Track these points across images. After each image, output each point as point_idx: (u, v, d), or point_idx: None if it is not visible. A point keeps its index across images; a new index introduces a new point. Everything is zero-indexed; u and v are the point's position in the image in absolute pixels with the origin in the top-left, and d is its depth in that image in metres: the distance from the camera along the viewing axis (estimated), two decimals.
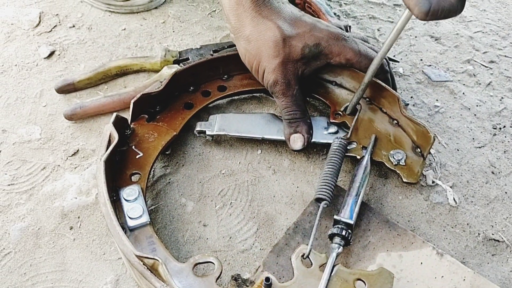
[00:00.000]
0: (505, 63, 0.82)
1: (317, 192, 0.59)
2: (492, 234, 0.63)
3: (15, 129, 0.72)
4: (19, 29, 0.85)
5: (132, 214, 0.58)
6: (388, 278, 0.53)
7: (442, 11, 0.49)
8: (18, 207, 0.65)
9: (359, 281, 0.53)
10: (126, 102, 0.73)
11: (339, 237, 0.56)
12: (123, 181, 0.61)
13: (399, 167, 0.65)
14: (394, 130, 0.68)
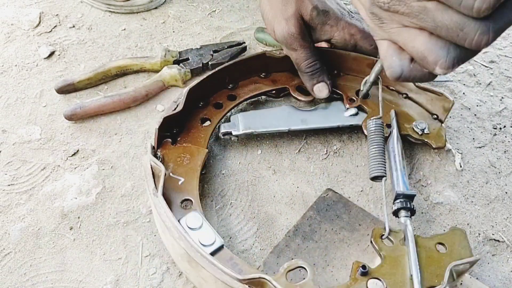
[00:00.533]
0: (505, 63, 0.82)
1: (372, 171, 0.59)
2: (493, 234, 0.63)
3: (15, 129, 0.72)
4: (19, 29, 0.85)
5: (205, 241, 0.55)
6: (462, 235, 0.56)
7: (413, 78, 0.48)
8: (18, 207, 0.65)
9: (439, 245, 0.55)
10: (126, 102, 0.73)
11: (404, 210, 0.57)
12: (177, 211, 0.58)
13: (426, 136, 0.67)
14: (407, 103, 0.70)
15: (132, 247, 0.61)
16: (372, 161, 0.60)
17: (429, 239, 0.56)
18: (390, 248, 0.55)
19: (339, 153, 0.70)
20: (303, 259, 0.56)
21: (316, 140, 0.71)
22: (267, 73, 0.75)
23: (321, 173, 0.68)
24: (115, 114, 0.73)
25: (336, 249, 0.60)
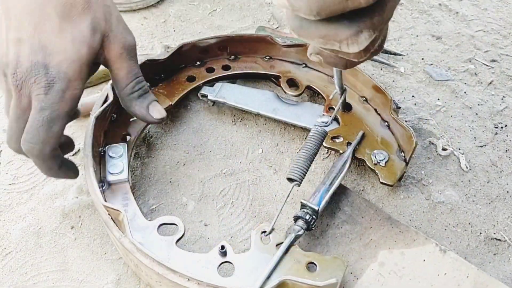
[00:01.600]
0: (506, 62, 0.82)
1: (289, 172, 0.58)
2: (494, 233, 0.63)
3: None
4: None
5: (112, 170, 0.61)
6: (340, 266, 0.54)
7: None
8: (19, 207, 0.65)
9: (312, 264, 0.54)
10: None
11: (302, 221, 0.57)
12: (114, 140, 0.65)
13: (378, 167, 0.64)
14: (383, 132, 0.68)
15: None
16: (293, 163, 0.59)
17: (304, 255, 0.54)
18: (262, 245, 0.56)
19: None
20: None
21: None
22: (270, 58, 0.77)
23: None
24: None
25: (338, 245, 0.59)
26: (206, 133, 0.72)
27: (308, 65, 0.76)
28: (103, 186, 0.60)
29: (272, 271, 0.53)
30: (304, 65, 0.76)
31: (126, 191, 0.60)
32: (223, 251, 0.54)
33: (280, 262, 0.54)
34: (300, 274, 0.53)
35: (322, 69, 0.75)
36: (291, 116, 0.70)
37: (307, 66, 0.76)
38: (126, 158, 0.62)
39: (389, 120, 0.68)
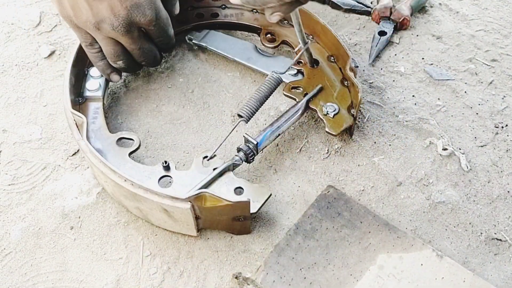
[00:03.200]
0: (507, 61, 0.81)
1: (239, 109, 0.65)
2: (495, 233, 0.63)
3: (16, 129, 0.72)
4: (20, 29, 0.85)
5: (90, 87, 0.69)
6: (265, 194, 0.60)
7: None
8: (18, 207, 0.64)
9: (239, 188, 0.60)
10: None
11: (242, 152, 0.63)
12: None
13: (327, 118, 0.68)
14: (341, 88, 0.72)
15: (133, 247, 0.61)
16: (245, 103, 0.65)
17: (235, 179, 0.60)
18: (201, 167, 0.62)
19: (340, 152, 0.70)
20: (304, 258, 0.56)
21: (317, 139, 0.71)
22: (257, 11, 0.82)
23: (322, 173, 0.68)
24: (116, 113, 0.73)
25: (337, 248, 0.59)
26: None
27: (289, 22, 0.80)
28: (80, 100, 0.69)
29: (202, 187, 0.58)
30: (286, 22, 0.80)
31: (98, 107, 0.68)
32: (166, 165, 0.61)
33: (213, 182, 0.60)
34: (226, 194, 0.58)
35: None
36: (262, 65, 0.76)
37: (289, 22, 0.80)
38: (104, 79, 0.71)
39: (347, 78, 0.71)
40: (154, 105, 0.75)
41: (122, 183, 0.57)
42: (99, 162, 0.58)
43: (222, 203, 0.55)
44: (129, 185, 0.56)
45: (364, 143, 0.71)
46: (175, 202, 0.55)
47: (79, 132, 0.62)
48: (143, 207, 0.58)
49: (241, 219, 0.58)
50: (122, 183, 0.57)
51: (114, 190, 0.60)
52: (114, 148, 0.64)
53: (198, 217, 0.57)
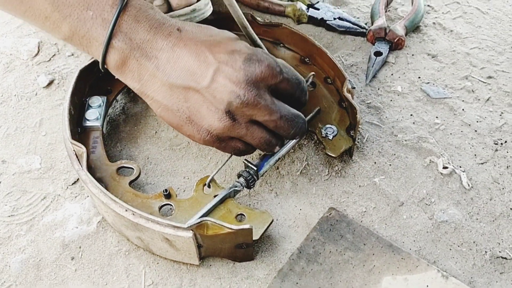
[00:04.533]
0: (503, 78, 0.82)
1: None
2: (499, 251, 0.62)
3: (15, 159, 0.72)
4: (18, 59, 0.85)
5: (89, 117, 0.69)
6: (267, 219, 0.59)
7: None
8: (18, 239, 0.64)
9: (241, 215, 0.59)
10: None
11: (243, 178, 0.62)
12: (97, 93, 0.72)
13: (326, 140, 0.68)
14: (339, 110, 0.72)
15: (134, 276, 0.60)
16: None
17: (236, 206, 0.60)
18: (202, 194, 0.62)
19: (341, 173, 0.70)
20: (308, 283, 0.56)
21: (317, 161, 0.71)
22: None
23: (324, 194, 0.68)
24: (115, 141, 0.73)
25: (341, 271, 0.59)
26: None
27: (285, 45, 0.80)
28: (80, 130, 0.69)
29: (204, 215, 0.57)
30: (282, 45, 0.81)
31: (97, 136, 0.68)
32: (166, 193, 0.61)
33: (214, 209, 0.59)
34: (227, 221, 0.57)
35: (296, 49, 0.80)
36: None
37: (284, 46, 0.80)
38: (103, 109, 0.70)
39: (344, 99, 0.71)
40: (153, 131, 0.75)
41: (123, 213, 0.56)
42: (100, 193, 0.58)
43: (224, 231, 0.54)
44: (130, 215, 0.56)
45: (364, 163, 0.71)
46: (177, 231, 0.54)
47: (79, 162, 0.61)
48: (145, 236, 0.58)
49: (243, 246, 0.57)
50: (123, 213, 0.56)
51: (115, 220, 0.60)
52: (114, 177, 0.63)
53: (200, 246, 0.56)
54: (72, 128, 0.66)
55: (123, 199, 0.59)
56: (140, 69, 0.55)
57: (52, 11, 0.52)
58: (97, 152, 0.66)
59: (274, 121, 0.56)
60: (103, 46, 0.53)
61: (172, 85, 0.55)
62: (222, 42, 0.56)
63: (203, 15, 0.75)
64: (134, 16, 0.54)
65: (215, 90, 0.54)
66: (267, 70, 0.55)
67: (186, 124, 0.57)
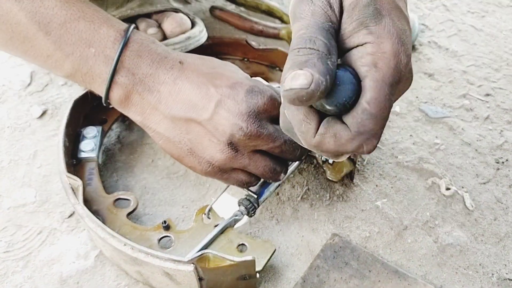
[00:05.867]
0: (500, 95, 0.82)
1: None
2: (506, 273, 0.61)
3: (10, 193, 0.70)
4: (11, 89, 0.84)
5: (84, 148, 0.68)
6: (269, 249, 0.58)
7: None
8: (14, 275, 0.62)
9: (243, 245, 0.58)
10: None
11: (243, 206, 0.61)
12: (92, 123, 0.71)
13: (326, 165, 0.67)
14: None
15: None
16: None
17: (237, 236, 0.59)
18: (202, 224, 0.60)
19: (342, 198, 0.69)
20: None
21: (318, 186, 0.70)
22: (248, 60, 0.82)
23: (326, 220, 0.66)
24: (111, 171, 0.72)
25: None
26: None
27: (281, 68, 0.80)
28: (75, 162, 0.67)
29: (204, 247, 0.56)
30: (278, 69, 0.80)
31: (93, 167, 0.67)
32: (165, 225, 0.60)
33: (215, 240, 0.58)
34: (229, 252, 0.56)
35: None
36: None
37: (280, 69, 0.80)
38: (98, 139, 0.69)
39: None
40: (149, 160, 0.74)
41: (121, 247, 0.55)
42: (97, 227, 0.57)
43: (226, 263, 0.53)
44: (128, 249, 0.55)
45: (365, 186, 0.70)
46: (178, 265, 0.53)
47: (75, 196, 0.60)
48: (144, 271, 0.56)
49: (246, 278, 0.56)
50: (121, 247, 0.55)
51: (113, 254, 0.58)
52: (111, 209, 0.62)
53: (201, 279, 0.55)
54: (67, 161, 0.64)
55: (121, 232, 0.58)
56: (142, 102, 0.55)
57: (55, 50, 0.53)
58: (93, 184, 0.65)
59: (278, 147, 0.56)
60: (106, 83, 0.53)
61: (173, 118, 0.54)
62: (224, 74, 0.56)
63: (198, 42, 0.75)
64: (136, 51, 0.54)
65: (217, 123, 0.53)
66: (269, 101, 0.54)
67: (188, 156, 0.56)
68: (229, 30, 0.95)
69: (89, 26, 0.53)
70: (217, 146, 0.54)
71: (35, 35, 0.52)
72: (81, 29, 0.53)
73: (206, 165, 0.56)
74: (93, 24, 0.53)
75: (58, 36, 0.52)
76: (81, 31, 0.52)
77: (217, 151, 0.54)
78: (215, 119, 0.54)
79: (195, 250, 0.55)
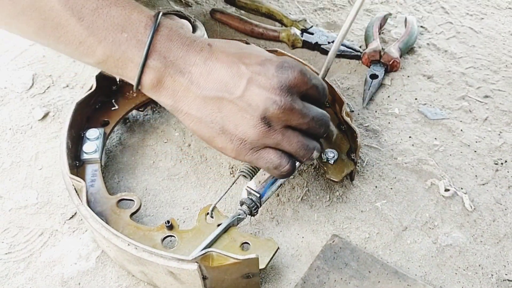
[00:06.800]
0: (499, 97, 0.82)
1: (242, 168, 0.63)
2: (506, 274, 0.61)
3: (11, 195, 0.71)
4: (13, 92, 0.84)
5: (86, 150, 0.68)
6: (272, 247, 0.58)
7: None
8: (16, 277, 0.62)
9: (246, 244, 0.58)
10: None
11: (246, 205, 0.61)
12: (95, 125, 0.72)
13: (327, 164, 0.67)
14: (339, 133, 0.71)
15: None
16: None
17: (240, 235, 0.59)
18: (205, 223, 0.61)
19: (342, 199, 0.69)
20: None
21: (318, 187, 0.70)
22: None
23: (326, 221, 0.67)
24: (113, 172, 0.72)
25: None
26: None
27: None
28: (77, 164, 0.67)
29: (208, 246, 0.57)
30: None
31: (96, 169, 0.67)
32: (168, 225, 0.60)
33: (218, 239, 0.58)
34: (232, 250, 0.56)
35: None
36: None
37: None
38: (101, 141, 0.69)
39: (343, 123, 0.71)
40: (151, 161, 0.74)
41: (125, 247, 0.55)
42: (101, 227, 0.57)
43: (229, 262, 0.53)
44: (132, 249, 0.55)
45: (365, 188, 0.70)
46: (182, 263, 0.53)
47: (78, 197, 0.60)
48: (148, 270, 0.56)
49: (250, 276, 0.56)
50: (125, 247, 0.55)
51: (117, 254, 0.59)
52: (115, 210, 0.62)
53: (205, 277, 0.55)
54: (70, 162, 0.65)
55: (124, 233, 0.58)
56: (174, 85, 0.55)
57: (88, 36, 0.53)
58: (96, 185, 0.65)
59: (306, 123, 0.57)
60: (139, 67, 0.54)
61: (205, 97, 0.55)
62: (253, 53, 0.57)
63: None
64: (167, 35, 0.55)
65: (249, 99, 0.54)
66: (299, 76, 0.55)
67: (219, 135, 0.56)
68: (229, 32, 0.95)
69: (121, 12, 0.53)
70: (250, 121, 0.54)
71: (68, 21, 0.53)
72: (113, 15, 0.53)
73: (237, 143, 0.56)
74: (125, 9, 0.54)
75: (91, 21, 0.53)
76: (114, 17, 0.53)
77: (250, 126, 0.55)
78: (247, 96, 0.54)
79: (199, 249, 0.56)
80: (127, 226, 0.61)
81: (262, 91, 0.54)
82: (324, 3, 1.01)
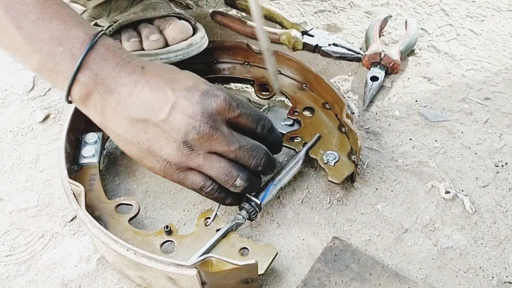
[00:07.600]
0: (500, 99, 0.82)
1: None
2: (506, 276, 0.61)
3: (12, 197, 0.71)
4: (13, 94, 0.85)
5: (85, 154, 0.68)
6: (271, 253, 0.58)
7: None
8: (16, 279, 0.63)
9: (245, 249, 0.59)
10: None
11: (245, 211, 0.62)
12: (93, 129, 0.70)
13: (328, 166, 0.68)
14: (339, 135, 0.72)
15: None
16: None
17: (239, 240, 0.59)
18: (204, 228, 0.61)
19: (342, 201, 0.69)
20: None
21: (318, 189, 0.70)
22: (249, 64, 0.83)
23: (326, 223, 0.67)
24: (113, 175, 0.73)
25: None
26: None
27: (281, 72, 0.81)
28: (76, 168, 0.67)
29: (207, 251, 0.57)
30: (279, 72, 0.81)
31: (94, 173, 0.67)
32: (167, 230, 0.60)
33: (217, 244, 0.59)
34: (231, 256, 0.57)
35: (294, 76, 0.80)
36: None
37: (280, 73, 0.81)
38: (99, 145, 0.69)
39: (344, 125, 0.72)
40: None
41: (124, 253, 0.55)
42: (100, 233, 0.57)
43: (229, 267, 0.53)
44: (131, 254, 0.55)
45: (366, 190, 0.70)
46: (181, 269, 0.53)
47: (77, 202, 0.60)
48: (147, 275, 0.56)
49: (249, 282, 0.56)
50: (124, 253, 0.55)
51: (115, 259, 0.59)
52: (113, 215, 0.62)
53: (204, 283, 0.55)
54: (69, 167, 0.65)
55: (123, 238, 0.58)
56: (103, 103, 0.57)
57: (24, 44, 0.55)
58: (95, 189, 0.65)
59: (233, 151, 0.58)
60: (69, 80, 0.55)
61: (132, 119, 0.56)
62: (183, 79, 0.58)
63: (200, 49, 0.76)
64: (102, 54, 0.56)
65: (173, 122, 0.56)
66: (223, 103, 0.57)
67: (147, 155, 0.58)
68: (230, 34, 0.95)
69: (60, 26, 0.55)
70: (174, 144, 0.56)
71: (7, 28, 0.54)
72: (52, 28, 0.55)
73: (163, 163, 0.58)
74: (65, 24, 0.55)
75: (29, 31, 0.54)
76: (52, 29, 0.55)
77: (174, 149, 0.56)
78: (170, 119, 0.56)
79: (198, 255, 0.56)
80: (125, 231, 0.61)
81: (184, 116, 0.55)
82: (324, 5, 1.01)
